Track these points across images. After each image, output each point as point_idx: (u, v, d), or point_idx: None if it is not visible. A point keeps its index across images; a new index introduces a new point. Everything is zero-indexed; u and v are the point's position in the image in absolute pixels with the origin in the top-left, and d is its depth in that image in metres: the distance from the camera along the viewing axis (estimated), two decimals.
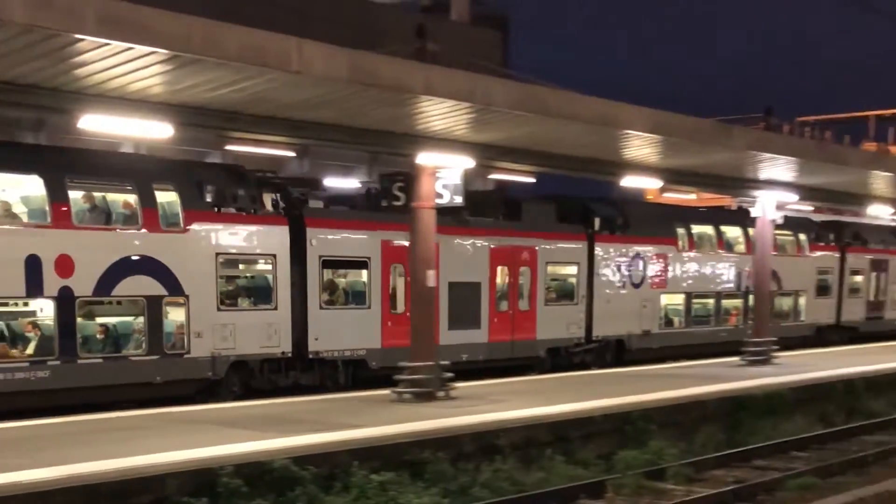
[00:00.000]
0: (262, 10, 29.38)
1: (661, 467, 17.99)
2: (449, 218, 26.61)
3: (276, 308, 24.30)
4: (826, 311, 43.02)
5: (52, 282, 20.63)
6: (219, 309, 23.25)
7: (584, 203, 33.60)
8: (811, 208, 43.91)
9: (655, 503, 16.21)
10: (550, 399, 21.35)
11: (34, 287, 20.54)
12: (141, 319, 22.17)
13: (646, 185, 29.80)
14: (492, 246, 29.43)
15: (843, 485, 17.31)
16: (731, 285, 37.69)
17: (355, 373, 26.07)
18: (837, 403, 25.63)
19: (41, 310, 21.12)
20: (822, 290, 42.48)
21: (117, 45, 13.84)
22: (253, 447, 15.25)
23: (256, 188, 24.40)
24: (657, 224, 35.30)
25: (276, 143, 21.24)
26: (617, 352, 33.49)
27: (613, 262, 33.34)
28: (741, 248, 37.98)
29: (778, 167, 27.52)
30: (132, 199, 22.15)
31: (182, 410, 19.88)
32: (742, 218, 36.25)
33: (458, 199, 21.94)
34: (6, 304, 20.90)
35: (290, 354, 24.65)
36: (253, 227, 23.95)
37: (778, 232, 37.26)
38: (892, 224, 50.31)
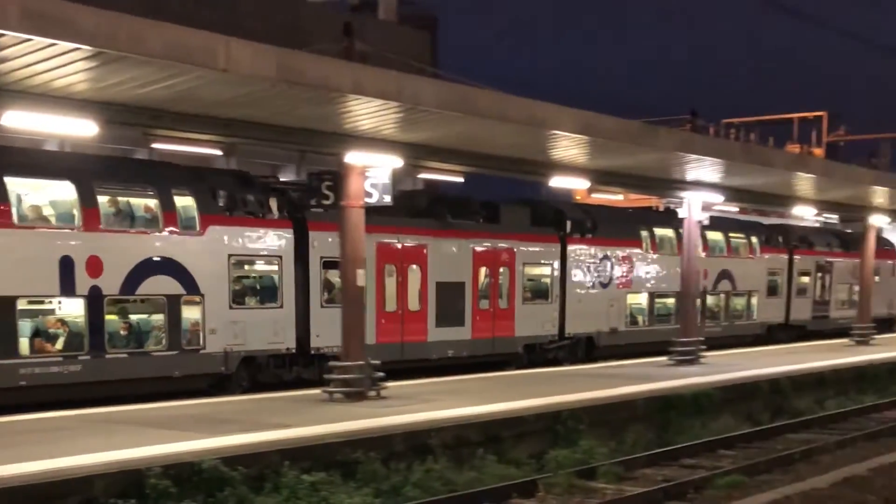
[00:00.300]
0: (189, 8, 29.11)
1: (592, 466, 18.03)
2: (434, 221, 30.06)
3: (281, 306, 25.83)
4: (776, 311, 45.21)
5: (83, 281, 22.03)
6: (231, 307, 24.72)
7: (557, 207, 35.40)
8: (736, 209, 44.81)
9: (586, 502, 16.20)
10: (482, 399, 21.30)
11: (67, 286, 21.91)
12: (161, 317, 23.57)
13: (574, 185, 29.87)
14: (474, 248, 31.08)
15: (769, 483, 17.38)
16: None
17: None
18: (763, 402, 25.89)
19: (73, 307, 22.34)
20: (773, 290, 44.69)
21: (40, 40, 13.60)
22: (181, 447, 15.05)
23: (263, 193, 25.99)
24: (623, 227, 37.09)
25: (203, 142, 21.04)
26: (587, 348, 35.12)
27: (584, 264, 35.10)
28: (698, 250, 38.03)
29: (704, 168, 27.68)
30: (153, 203, 23.59)
31: (108, 411, 19.54)
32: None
33: (387, 199, 21.95)
34: (42, 302, 22.18)
35: (293, 350, 26.19)
36: (261, 230, 25.48)
37: (732, 235, 42.35)
38: (836, 228, 53.07)
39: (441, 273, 29.69)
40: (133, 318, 23.35)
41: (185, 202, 23.96)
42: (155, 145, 23.25)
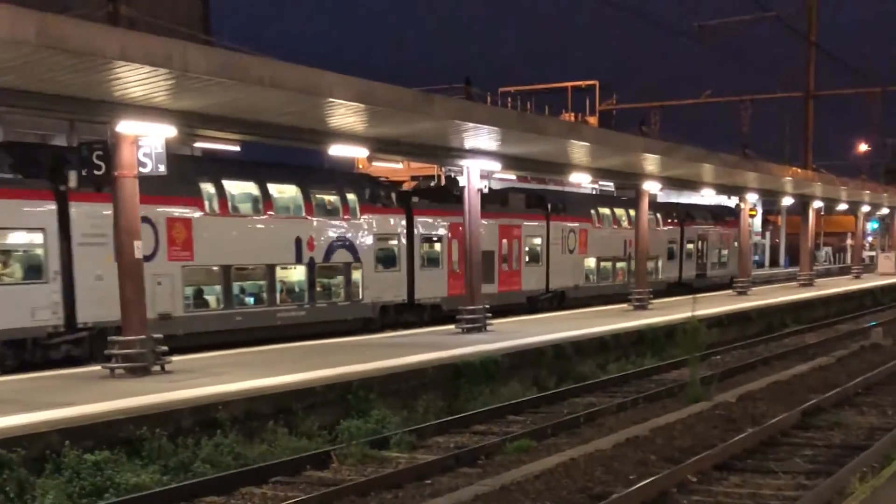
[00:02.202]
0: None
1: (385, 436, 17.98)
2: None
3: (399, 270, 36.57)
4: (673, 271, 56.36)
5: (306, 254, 32.57)
6: (374, 271, 35.29)
7: (542, 194, 47.36)
8: (514, 177, 47.56)
9: (380, 471, 16.08)
10: (269, 371, 20.92)
11: (299, 257, 32.45)
12: (342, 278, 34.35)
13: (353, 154, 29.74)
14: (499, 224, 41.73)
15: (556, 446, 17.61)
16: (620, 252, 50.15)
17: (434, 313, 37.42)
18: (549, 368, 26.11)
19: (301, 272, 32.78)
20: (671, 255, 55.99)
21: None
22: None
23: (387, 189, 37.05)
24: (581, 207, 48.33)
25: None
26: (560, 300, 45.62)
27: (559, 236, 45.78)
28: (625, 223, 50.35)
29: (481, 136, 27.68)
30: (334, 199, 34.22)
31: None
32: (625, 202, 51.60)
33: (162, 168, 21.21)
34: (286, 268, 32.44)
35: (405, 301, 36.84)
36: (388, 216, 36.16)
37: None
38: (712, 205, 66.61)
39: (482, 244, 36.33)
40: (328, 279, 33.95)
41: (350, 197, 34.44)
42: None
